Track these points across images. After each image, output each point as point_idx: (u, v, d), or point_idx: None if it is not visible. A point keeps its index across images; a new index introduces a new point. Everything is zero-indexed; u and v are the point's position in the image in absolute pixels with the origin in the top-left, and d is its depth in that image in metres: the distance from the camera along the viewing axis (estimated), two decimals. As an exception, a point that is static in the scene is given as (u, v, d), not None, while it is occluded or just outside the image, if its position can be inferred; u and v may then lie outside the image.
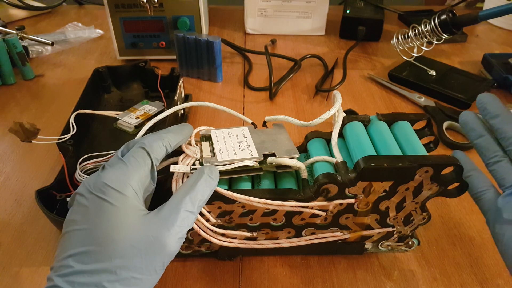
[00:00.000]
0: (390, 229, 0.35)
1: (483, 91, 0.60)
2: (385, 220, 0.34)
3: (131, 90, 0.57)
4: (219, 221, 0.33)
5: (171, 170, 0.31)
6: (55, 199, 0.38)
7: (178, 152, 0.34)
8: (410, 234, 0.36)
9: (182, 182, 0.32)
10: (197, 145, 0.35)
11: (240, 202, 0.31)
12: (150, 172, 0.29)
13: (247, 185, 0.34)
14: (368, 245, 0.37)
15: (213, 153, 0.33)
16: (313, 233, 0.35)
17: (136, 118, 0.50)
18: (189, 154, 0.33)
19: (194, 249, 0.36)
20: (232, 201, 0.32)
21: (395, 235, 0.36)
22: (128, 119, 0.49)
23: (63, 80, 0.64)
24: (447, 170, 0.31)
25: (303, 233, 0.35)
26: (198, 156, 0.33)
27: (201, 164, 0.33)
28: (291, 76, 0.64)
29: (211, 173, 0.30)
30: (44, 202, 0.36)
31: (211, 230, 0.33)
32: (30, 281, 0.36)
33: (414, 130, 0.35)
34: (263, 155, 0.33)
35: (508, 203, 0.29)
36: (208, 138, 0.36)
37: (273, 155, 0.33)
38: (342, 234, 0.35)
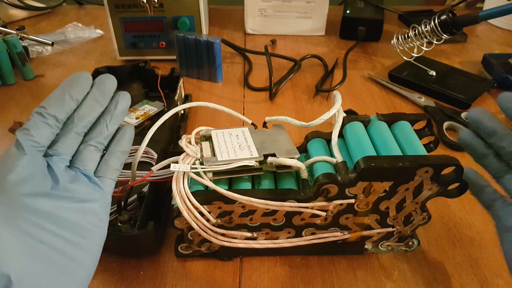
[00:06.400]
0: (390, 229, 0.35)
1: (483, 91, 0.60)
2: (385, 220, 0.34)
3: (131, 90, 0.57)
4: (219, 221, 0.33)
5: (171, 169, 0.31)
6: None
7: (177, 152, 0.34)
8: (410, 234, 0.36)
9: (183, 181, 0.32)
10: (197, 144, 0.35)
11: (240, 202, 0.31)
12: None
13: (247, 185, 0.34)
14: (368, 245, 0.37)
15: (213, 153, 0.33)
16: (313, 233, 0.35)
17: (136, 118, 0.50)
18: (190, 153, 0.33)
19: (194, 249, 0.36)
20: (232, 201, 0.32)
21: (395, 235, 0.36)
22: (128, 119, 0.49)
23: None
24: (447, 170, 0.31)
25: (303, 233, 0.35)
26: (199, 156, 0.33)
27: (201, 163, 0.33)
28: (291, 76, 0.64)
29: None
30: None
31: (211, 230, 0.33)
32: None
33: (414, 130, 0.35)
34: (263, 155, 0.33)
35: (508, 212, 0.30)
36: (208, 138, 0.36)
37: (274, 155, 0.33)
38: (342, 234, 0.35)
